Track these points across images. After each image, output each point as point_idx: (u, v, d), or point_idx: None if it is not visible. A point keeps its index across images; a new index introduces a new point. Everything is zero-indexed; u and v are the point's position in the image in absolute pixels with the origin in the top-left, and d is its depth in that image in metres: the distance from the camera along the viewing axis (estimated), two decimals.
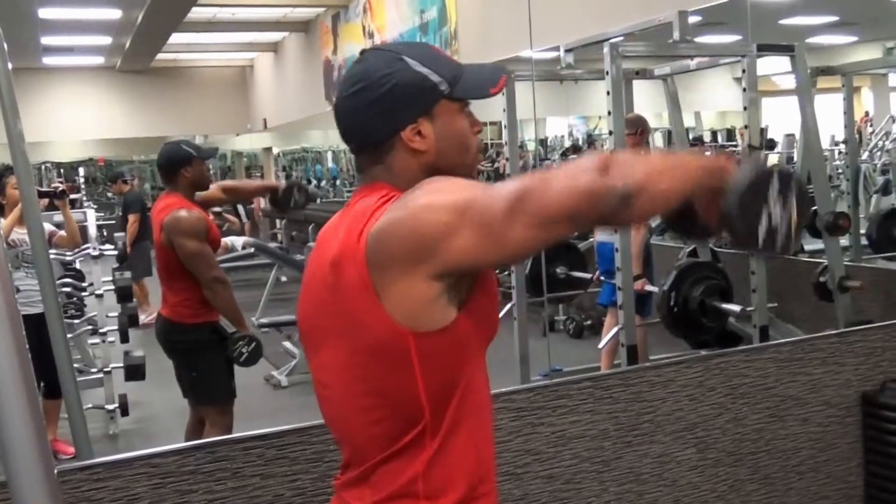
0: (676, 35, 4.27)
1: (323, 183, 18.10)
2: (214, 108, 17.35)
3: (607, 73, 4.10)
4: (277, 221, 13.39)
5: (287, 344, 6.48)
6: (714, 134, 16.46)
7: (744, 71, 4.33)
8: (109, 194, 15.66)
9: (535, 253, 1.08)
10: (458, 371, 1.29)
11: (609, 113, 4.11)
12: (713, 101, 15.16)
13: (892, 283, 5.01)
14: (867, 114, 13.70)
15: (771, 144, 11.80)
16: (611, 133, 4.20)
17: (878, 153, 10.90)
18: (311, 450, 2.56)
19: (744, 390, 3.17)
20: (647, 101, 8.10)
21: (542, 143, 17.33)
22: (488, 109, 3.49)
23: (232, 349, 3.59)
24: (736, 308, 4.31)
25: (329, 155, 18.65)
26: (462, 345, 1.29)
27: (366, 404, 1.33)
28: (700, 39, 5.56)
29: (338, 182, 18.07)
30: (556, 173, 1.16)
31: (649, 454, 3.04)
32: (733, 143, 14.08)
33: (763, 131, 13.55)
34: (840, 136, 8.54)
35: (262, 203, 13.97)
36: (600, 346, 4.71)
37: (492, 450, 1.41)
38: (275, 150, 18.73)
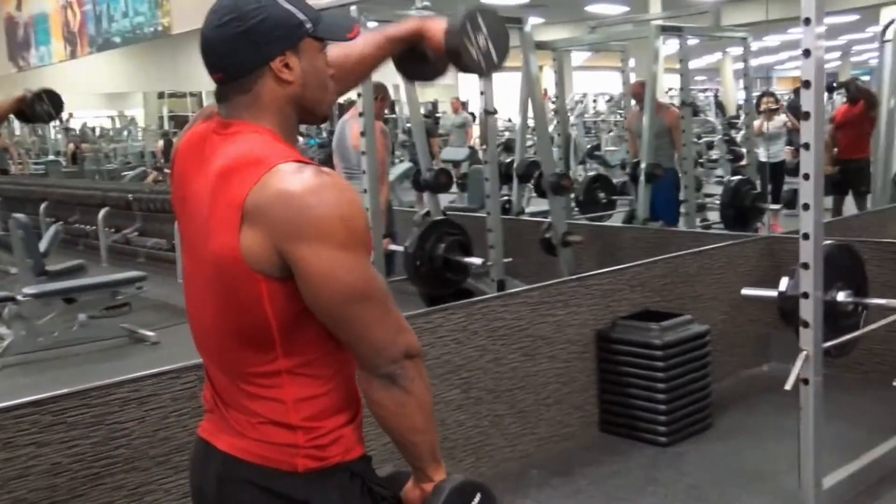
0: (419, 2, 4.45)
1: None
2: None
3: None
4: None
5: None
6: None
7: None
8: None
9: (326, 323, 1.28)
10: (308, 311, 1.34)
11: None
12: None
13: (600, 238, 5.61)
14: (546, 91, 15.02)
15: (473, 116, 12.60)
16: (359, 96, 4.28)
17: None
18: (90, 413, 2.41)
19: (502, 332, 3.43)
20: None
21: None
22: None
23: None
24: (478, 261, 4.60)
25: (16, 123, 16.87)
26: None
27: (221, 322, 1.36)
28: None
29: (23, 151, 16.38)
30: (390, 318, 1.35)
31: None
32: (438, 113, 14.75)
33: (465, 104, 14.40)
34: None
35: None
36: None
37: (353, 371, 1.45)
38: None
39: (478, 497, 1.44)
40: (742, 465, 3.37)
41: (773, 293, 2.47)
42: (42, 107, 3.21)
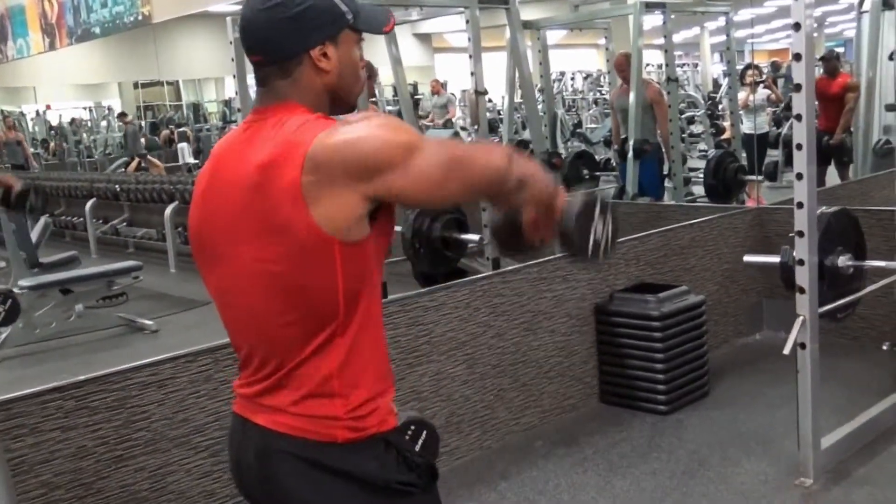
0: None
1: None
2: None
3: None
4: None
5: None
6: (394, 89, 17.00)
7: (467, 21, 4.66)
8: None
9: (449, 205, 1.30)
10: (369, 276, 1.42)
11: None
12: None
13: None
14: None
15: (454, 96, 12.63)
16: None
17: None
18: (111, 397, 2.47)
19: (503, 308, 3.50)
20: None
21: (227, 103, 16.89)
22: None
23: None
24: (475, 237, 4.66)
25: None
26: (373, 254, 1.42)
27: (281, 307, 1.39)
28: None
29: None
30: (478, 151, 1.41)
31: (427, 373, 3.26)
32: (418, 95, 14.69)
33: (444, 84, 14.41)
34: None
35: None
36: None
37: (387, 349, 1.53)
38: None
39: (598, 207, 1.50)
40: (741, 430, 3.46)
41: (774, 259, 2.55)
42: (32, 201, 3.24)
